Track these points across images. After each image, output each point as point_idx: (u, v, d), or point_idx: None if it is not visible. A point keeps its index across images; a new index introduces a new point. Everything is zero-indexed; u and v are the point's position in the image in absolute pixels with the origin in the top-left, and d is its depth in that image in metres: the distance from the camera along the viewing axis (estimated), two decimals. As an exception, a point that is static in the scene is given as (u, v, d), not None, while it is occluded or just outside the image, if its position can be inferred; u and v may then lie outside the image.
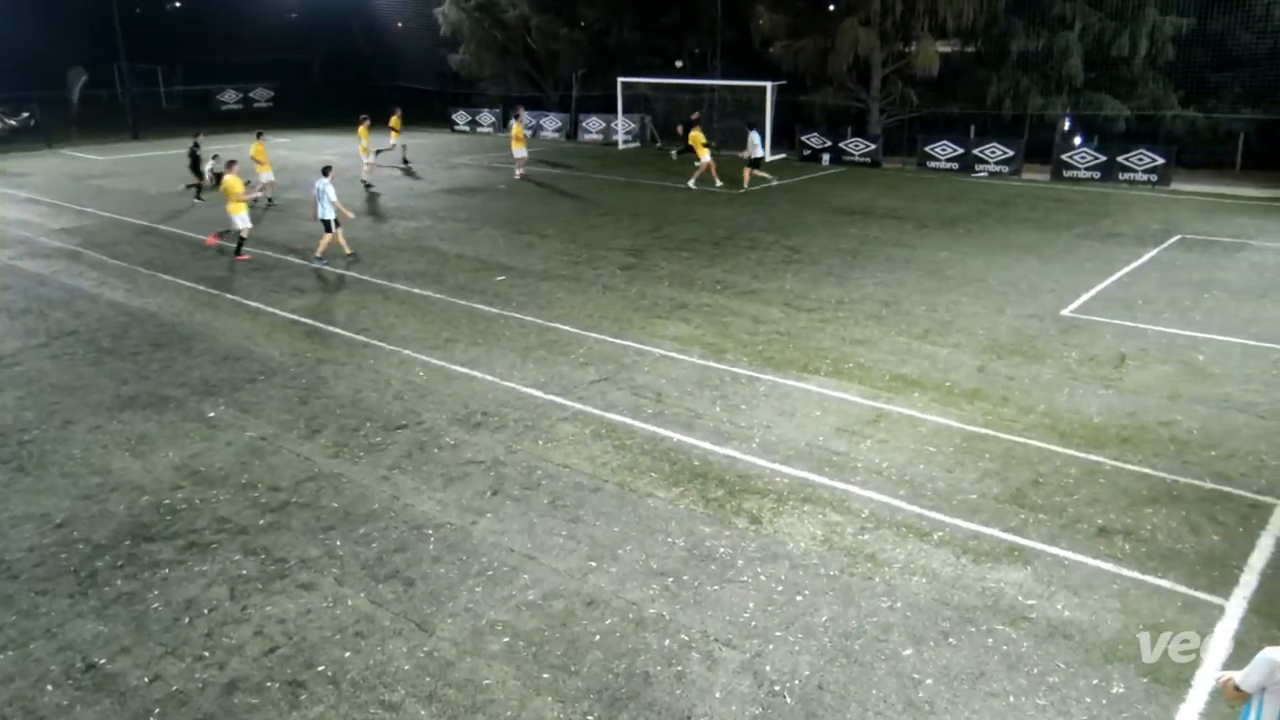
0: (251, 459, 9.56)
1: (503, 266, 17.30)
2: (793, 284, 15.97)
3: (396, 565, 7.63)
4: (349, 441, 9.94)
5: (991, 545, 7.84)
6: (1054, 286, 15.67)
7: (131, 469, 9.38)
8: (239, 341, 13.15)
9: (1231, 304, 14.60)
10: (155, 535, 8.13)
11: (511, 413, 10.63)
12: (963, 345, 12.76)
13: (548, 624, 6.86)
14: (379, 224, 21.45)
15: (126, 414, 10.73)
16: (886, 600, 7.11)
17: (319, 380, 11.67)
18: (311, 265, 17.26)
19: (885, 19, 29.84)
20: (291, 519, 8.38)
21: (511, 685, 6.22)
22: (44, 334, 13.58)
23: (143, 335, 13.50)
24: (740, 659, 6.46)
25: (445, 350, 12.70)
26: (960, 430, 10.04)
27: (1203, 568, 7.49)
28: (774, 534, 8.06)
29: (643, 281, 16.17)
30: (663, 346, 12.74)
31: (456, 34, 41.00)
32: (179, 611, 7.05)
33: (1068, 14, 28.47)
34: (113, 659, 6.53)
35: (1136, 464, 9.24)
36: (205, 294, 15.55)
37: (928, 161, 29.74)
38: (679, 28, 38.32)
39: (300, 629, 6.83)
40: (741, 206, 23.11)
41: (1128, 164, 26.59)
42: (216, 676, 6.34)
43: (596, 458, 9.51)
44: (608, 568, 7.58)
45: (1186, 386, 11.23)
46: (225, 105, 47.38)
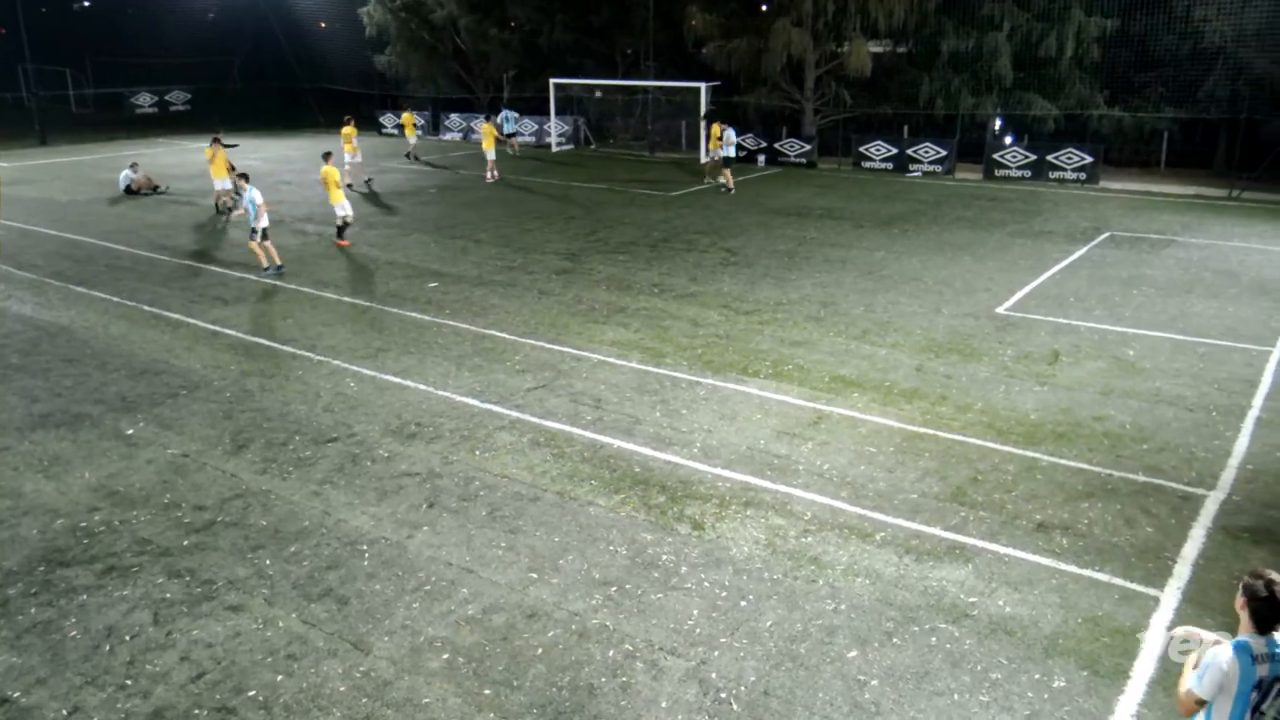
0: (174, 477, 9.19)
1: (435, 273, 17.01)
2: (731, 286, 15.96)
3: (330, 583, 7.38)
4: (277, 456, 9.62)
5: (933, 544, 7.87)
6: (989, 285, 15.91)
7: (45, 491, 8.95)
8: (158, 355, 12.67)
9: (1159, 300, 14.96)
10: (71, 560, 7.75)
11: (447, 423, 10.41)
12: (900, 345, 12.86)
13: (488, 638, 6.70)
14: (305, 231, 20.95)
15: (38, 434, 10.26)
16: (830, 603, 7.08)
17: (244, 393, 11.30)
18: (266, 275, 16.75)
19: (817, 19, 30.12)
20: (218, 539, 8.06)
21: (452, 703, 6.06)
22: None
23: (54, 350, 12.94)
24: (685, 667, 6.38)
25: (377, 360, 12.40)
26: (900, 430, 10.09)
27: (1138, 560, 7.60)
28: (717, 539, 7.98)
29: (579, 286, 16.02)
30: (601, 351, 12.61)
31: (382, 35, 40.34)
32: (99, 639, 6.73)
33: (996, 14, 29.08)
34: (28, 691, 6.21)
35: (1072, 459, 9.37)
36: (121, 306, 14.99)
37: (862, 161, 30.12)
38: (611, 28, 38.22)
39: (229, 653, 6.57)
40: (678, 209, 23.09)
41: (1057, 163, 27.23)
42: (140, 706, 6.06)
43: (535, 466, 9.35)
44: (549, 579, 7.43)
45: (1118, 381, 11.45)
46: (140, 109, 45.90)
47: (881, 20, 29.04)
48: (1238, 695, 4.06)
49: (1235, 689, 4.06)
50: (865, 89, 31.28)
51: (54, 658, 6.54)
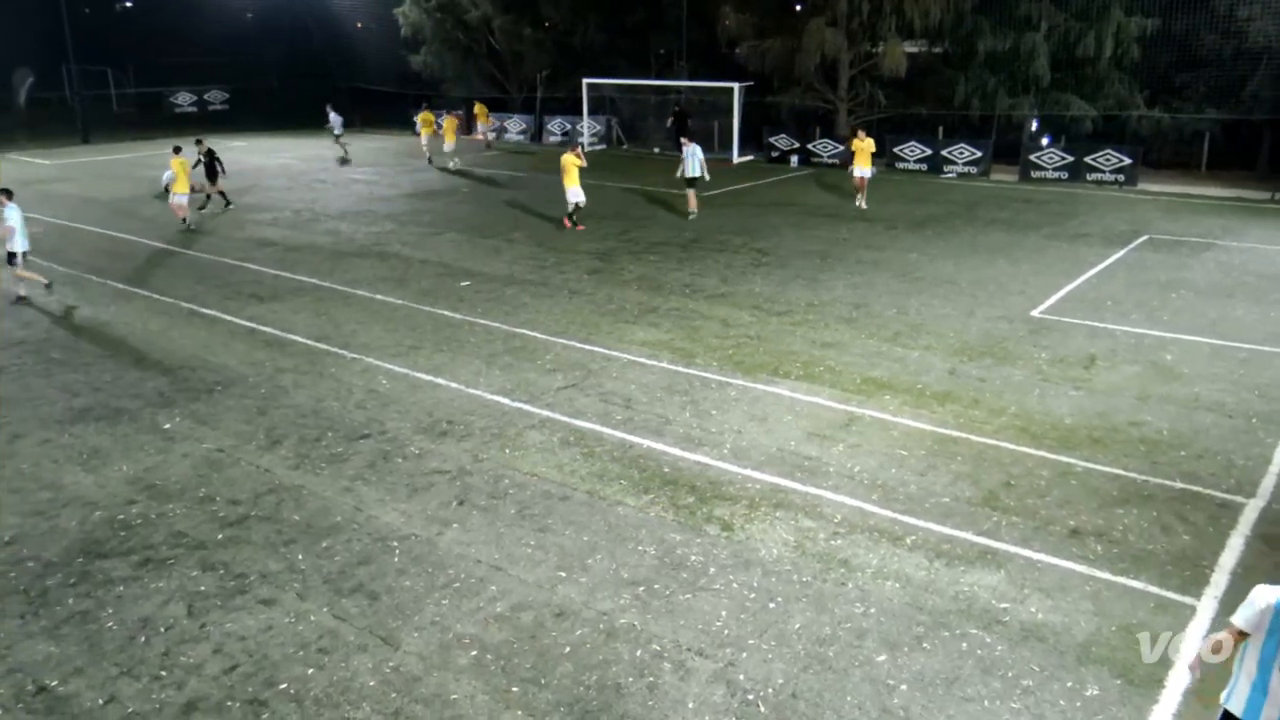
0: (209, 471, 9.32)
1: (467, 272, 17.11)
2: (762, 287, 15.91)
3: (360, 579, 7.45)
4: (310, 452, 9.72)
5: (964, 549, 7.79)
6: (1023, 288, 15.74)
7: (84, 483, 9.10)
8: (195, 351, 12.85)
9: (1198, 304, 14.73)
10: (109, 552, 7.88)
11: (477, 421, 10.46)
12: (933, 347, 12.75)
13: (516, 636, 6.72)
14: (339, 229, 21.15)
15: (78, 427, 10.44)
16: (860, 606, 7.04)
17: (278, 390, 11.43)
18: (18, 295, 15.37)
19: (852, 19, 29.94)
20: (251, 533, 8.16)
21: (480, 700, 6.08)
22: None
23: (95, 345, 13.15)
24: (713, 668, 6.37)
25: (409, 358, 12.49)
26: (932, 433, 10.00)
27: (1174, 568, 7.49)
28: (746, 541, 7.96)
29: (610, 285, 16.04)
30: (631, 351, 12.62)
31: (418, 35, 40.61)
32: (134, 630, 6.83)
33: (1034, 14, 28.72)
34: (65, 680, 6.31)
35: (1107, 465, 9.25)
36: (159, 302, 15.21)
37: (896, 163, 29.87)
38: (644, 28, 38.23)
39: (261, 646, 6.64)
40: (710, 210, 23.06)
41: (1095, 164, 26.86)
42: (174, 697, 6.14)
43: (565, 465, 9.37)
44: (577, 578, 7.45)
45: (1155, 387, 11.28)
46: (179, 108, 46.48)
47: (917, 20, 28.78)
48: (1270, 632, 4.32)
49: (1268, 627, 4.31)
50: (900, 89, 31.00)
51: (91, 648, 6.65)
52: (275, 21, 49.61)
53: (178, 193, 20.53)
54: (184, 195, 20.71)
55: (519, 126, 39.10)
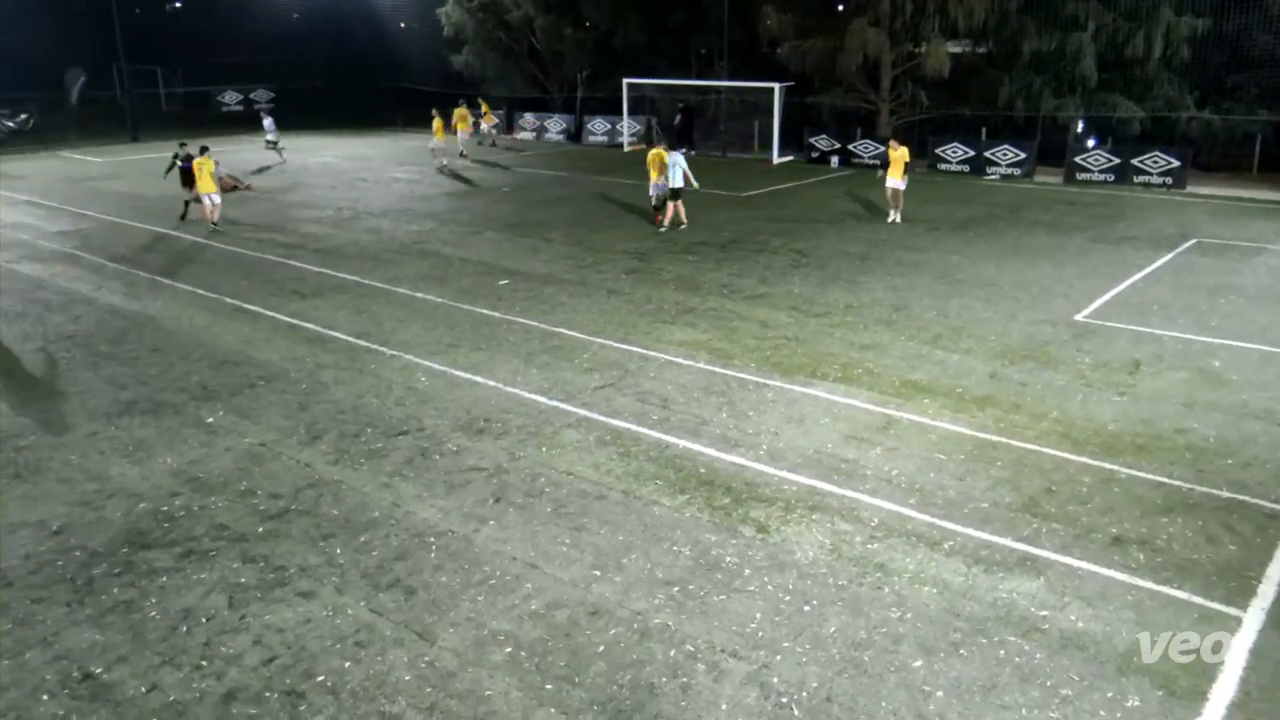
0: (250, 465, 9.46)
1: (506, 270, 17.20)
2: (801, 288, 15.83)
3: (397, 574, 7.52)
4: (349, 448, 9.83)
5: (1003, 555, 7.70)
6: (1067, 291, 15.51)
7: (129, 475, 9.28)
8: (238, 346, 13.05)
9: (1248, 309, 14.42)
10: (153, 543, 8.03)
11: (514, 419, 10.51)
12: (974, 351, 12.62)
13: (551, 634, 6.75)
14: (380, 227, 21.37)
15: (124, 419, 10.64)
16: (896, 610, 6.98)
17: (319, 385, 11.57)
18: None
19: (895, 19, 29.71)
20: (291, 526, 8.27)
21: (514, 696, 6.12)
22: (41, 338, 13.51)
23: (141, 339, 13.41)
24: (747, 670, 6.35)
25: (447, 355, 12.59)
26: (971, 437, 9.90)
27: (1219, 578, 7.35)
28: (781, 543, 7.92)
29: (648, 285, 16.04)
30: (668, 352, 12.62)
31: (459, 34, 40.95)
32: (177, 620, 6.95)
33: (1080, 14, 28.31)
34: (109, 668, 6.44)
35: (1151, 472, 9.09)
36: (204, 298, 15.47)
37: (938, 164, 29.58)
38: (685, 29, 38.21)
39: (299, 638, 6.73)
40: (749, 209, 22.99)
41: (1142, 166, 26.40)
42: (214, 686, 6.24)
43: (601, 465, 9.39)
44: (612, 577, 7.46)
45: (1202, 393, 11.07)
46: (226, 107, 47.27)
47: (961, 20, 28.50)
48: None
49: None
50: (942, 90, 30.68)
51: (134, 636, 6.77)
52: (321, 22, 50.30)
53: (205, 193, 20.43)
54: (214, 194, 20.54)
55: (559, 126, 39.23)
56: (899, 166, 20.74)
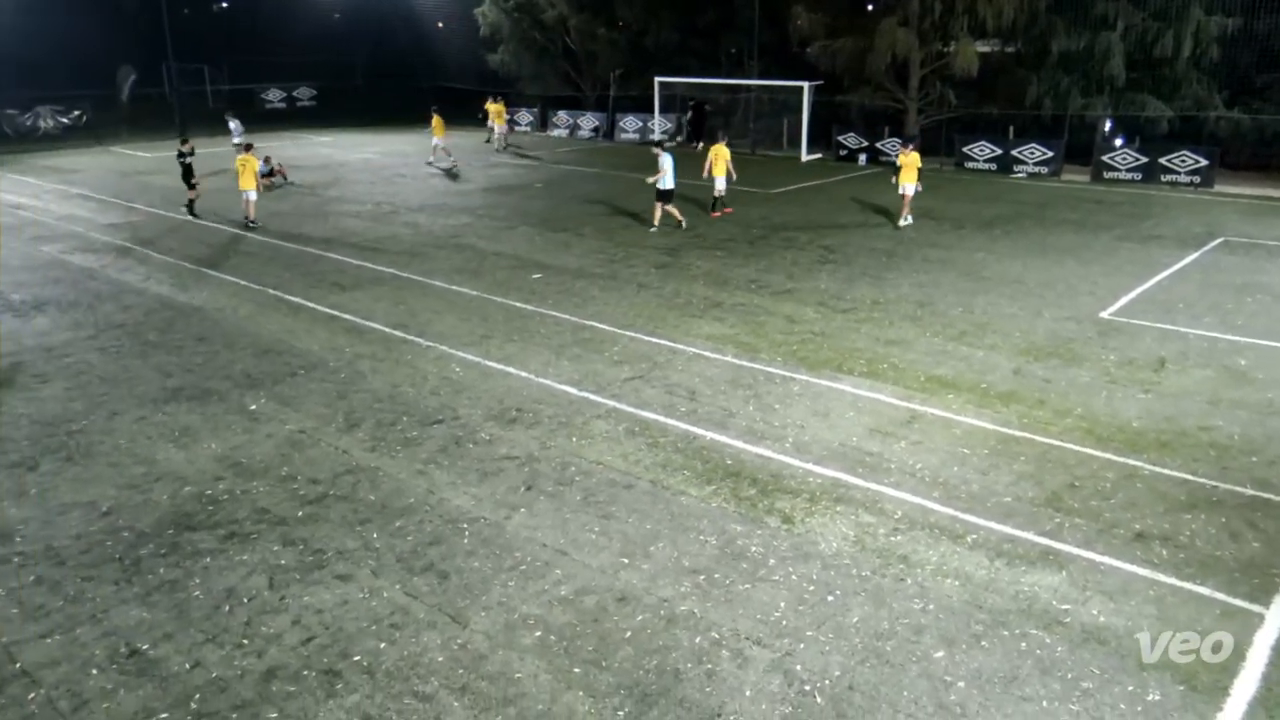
0: (291, 451, 9.71)
1: (538, 264, 17.41)
2: (828, 284, 15.92)
3: (431, 558, 7.72)
4: (386, 435, 10.06)
5: (1026, 549, 7.79)
6: (1093, 289, 15.50)
7: (175, 459, 9.55)
8: (280, 336, 13.34)
9: (1275, 308, 14.35)
10: (197, 525, 8.28)
11: (546, 409, 10.70)
12: (999, 347, 12.67)
13: (580, 619, 6.91)
14: (417, 221, 21.65)
15: (171, 406, 10.93)
16: (919, 602, 7.08)
17: (357, 375, 11.82)
18: None
19: (924, 19, 29.62)
20: (329, 511, 8.50)
21: (543, 679, 6.27)
22: (92, 326, 13.86)
23: (188, 329, 13.74)
24: (771, 658, 6.47)
25: (481, 347, 12.80)
26: (995, 432, 9.97)
27: (1242, 575, 7.38)
28: (806, 534, 8.05)
29: (677, 280, 16.19)
30: (697, 345, 12.76)
31: (496, 34, 41.29)
32: (219, 600, 7.17)
33: (1110, 14, 28.07)
34: (155, 645, 6.65)
35: (1175, 469, 9.12)
36: (248, 289, 15.79)
37: (965, 162, 29.52)
38: (716, 28, 38.28)
39: (337, 619, 6.92)
40: (777, 205, 23.05)
41: (1170, 165, 26.21)
42: (255, 664, 6.44)
43: (629, 455, 9.55)
44: (640, 564, 7.62)
45: (1227, 391, 11.07)
46: (269, 104, 47.90)
47: (990, 20, 28.36)
48: None
49: None
50: (970, 89, 30.57)
51: (179, 615, 6.99)
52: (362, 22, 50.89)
53: (245, 189, 20.73)
54: (251, 191, 20.82)
55: (591, 124, 39.47)
56: (912, 171, 20.36)
